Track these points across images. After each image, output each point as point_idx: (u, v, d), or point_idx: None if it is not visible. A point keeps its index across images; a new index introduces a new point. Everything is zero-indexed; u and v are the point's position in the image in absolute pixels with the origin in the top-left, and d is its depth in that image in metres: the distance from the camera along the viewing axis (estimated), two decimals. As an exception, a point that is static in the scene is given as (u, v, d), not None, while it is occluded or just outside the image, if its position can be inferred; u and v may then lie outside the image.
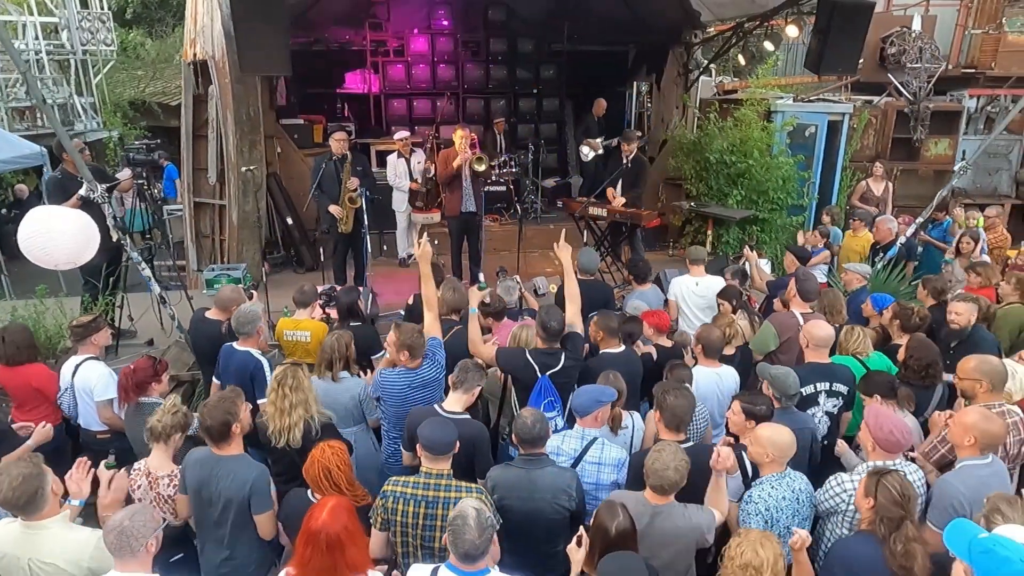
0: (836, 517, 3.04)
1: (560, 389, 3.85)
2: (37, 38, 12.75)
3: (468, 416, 3.58)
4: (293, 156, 8.98)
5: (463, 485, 3.04)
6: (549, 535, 3.11)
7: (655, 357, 4.67)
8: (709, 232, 8.79)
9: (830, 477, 3.09)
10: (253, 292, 5.07)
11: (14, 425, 3.96)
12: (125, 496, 3.11)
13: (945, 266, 7.84)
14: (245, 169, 7.04)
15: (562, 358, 3.92)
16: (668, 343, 4.95)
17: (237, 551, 3.17)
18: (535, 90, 11.51)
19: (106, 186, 4.93)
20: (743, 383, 4.45)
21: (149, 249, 5.97)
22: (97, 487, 3.09)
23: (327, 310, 5.46)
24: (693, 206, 8.89)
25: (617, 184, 7.75)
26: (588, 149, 9.11)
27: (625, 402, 3.87)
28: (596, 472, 3.40)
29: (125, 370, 4.03)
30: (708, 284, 5.65)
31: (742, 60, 9.99)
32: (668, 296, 5.88)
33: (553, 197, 10.71)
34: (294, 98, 10.44)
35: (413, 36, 10.90)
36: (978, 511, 2.76)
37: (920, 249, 8.64)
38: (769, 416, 3.41)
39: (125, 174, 10.92)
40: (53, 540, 2.72)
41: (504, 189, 9.98)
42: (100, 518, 2.98)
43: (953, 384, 3.90)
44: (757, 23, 8.47)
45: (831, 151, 10.02)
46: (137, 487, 3.18)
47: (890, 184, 9.08)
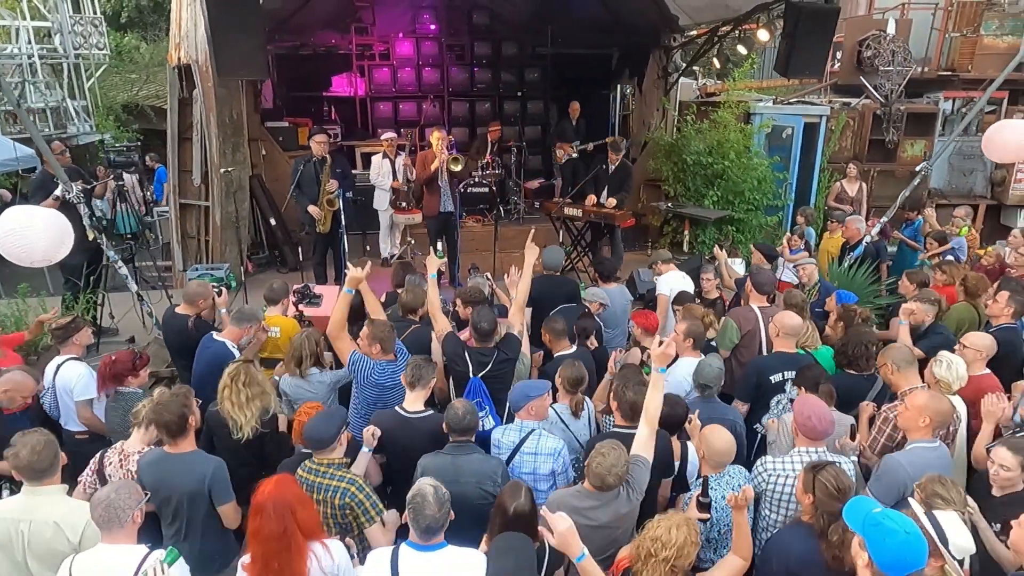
0: (763, 499, 3.19)
1: (493, 389, 4.01)
2: (30, 42, 12.90)
3: (431, 412, 3.72)
4: (278, 158, 9.14)
5: (347, 475, 3.17)
6: (474, 518, 3.15)
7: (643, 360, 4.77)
8: (686, 232, 8.96)
9: (757, 461, 3.24)
10: (222, 290, 5.20)
11: None
12: None
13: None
14: (223, 171, 7.18)
15: (494, 359, 4.08)
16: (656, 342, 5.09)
17: (200, 543, 3.23)
18: (519, 93, 11.68)
19: (81, 187, 5.07)
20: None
21: (130, 248, 6.11)
22: None
23: (300, 307, 5.60)
24: (670, 207, 9.05)
25: (603, 189, 7.94)
26: (561, 152, 9.31)
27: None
28: (533, 462, 3.51)
29: (105, 359, 4.18)
30: (672, 280, 5.84)
31: (716, 63, 10.15)
32: (659, 292, 5.98)
33: (537, 198, 10.87)
34: (280, 101, 10.63)
35: (398, 40, 11.09)
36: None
37: (894, 248, 8.83)
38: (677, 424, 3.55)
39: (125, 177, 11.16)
40: (53, 504, 2.91)
41: (487, 190, 10.14)
42: None
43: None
44: (731, 27, 8.63)
45: (809, 152, 10.20)
46: (109, 463, 3.34)
47: (864, 185, 9.23)
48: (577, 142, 9.29)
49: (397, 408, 3.72)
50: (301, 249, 7.60)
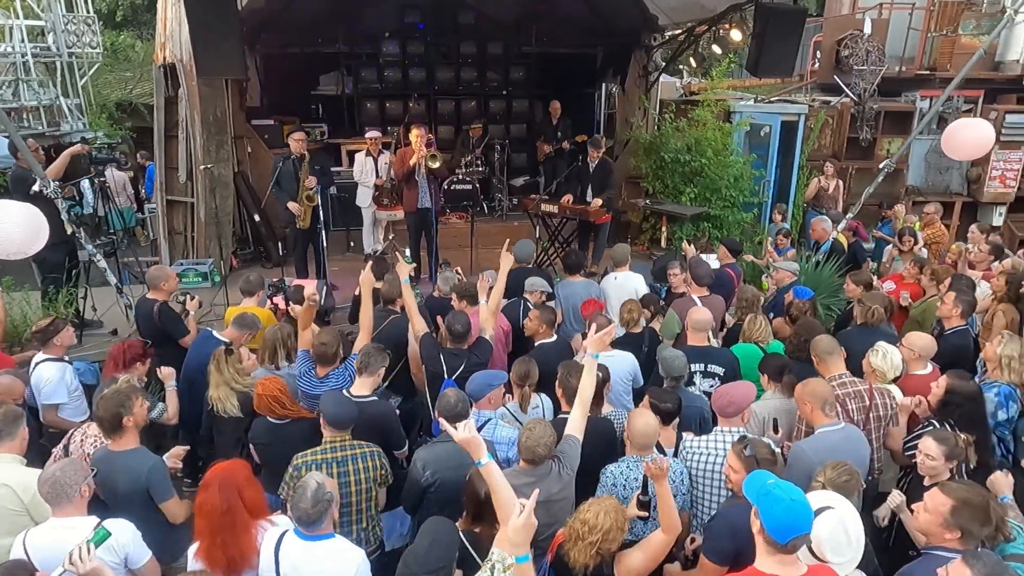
0: (694, 478, 3.36)
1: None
2: (23, 41, 13.07)
3: (375, 398, 3.91)
4: (263, 156, 9.30)
5: (362, 443, 3.41)
6: (455, 499, 3.28)
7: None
8: (664, 228, 9.12)
9: (681, 442, 3.42)
10: (193, 296, 5.32)
11: None
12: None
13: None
14: (203, 167, 7.35)
15: (466, 361, 4.27)
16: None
17: (148, 538, 3.17)
18: (505, 91, 11.83)
19: (57, 183, 5.23)
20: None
21: (112, 243, 6.28)
22: None
23: (274, 300, 5.78)
24: (648, 203, 9.21)
25: (585, 187, 8.10)
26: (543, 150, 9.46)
27: (537, 384, 4.21)
28: (506, 448, 3.67)
29: (119, 345, 4.36)
30: (625, 279, 6.06)
31: (693, 63, 10.30)
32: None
33: (522, 195, 11.02)
34: (267, 99, 10.79)
35: (385, 39, 11.22)
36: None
37: (872, 245, 9.01)
38: (673, 412, 3.65)
39: (111, 174, 11.34)
40: (9, 470, 3.10)
41: (471, 187, 10.29)
42: None
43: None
44: (706, 28, 8.79)
45: (789, 150, 10.36)
46: (71, 441, 3.53)
47: (840, 182, 9.39)
48: (554, 141, 9.45)
49: (344, 391, 3.90)
50: (282, 245, 7.76)
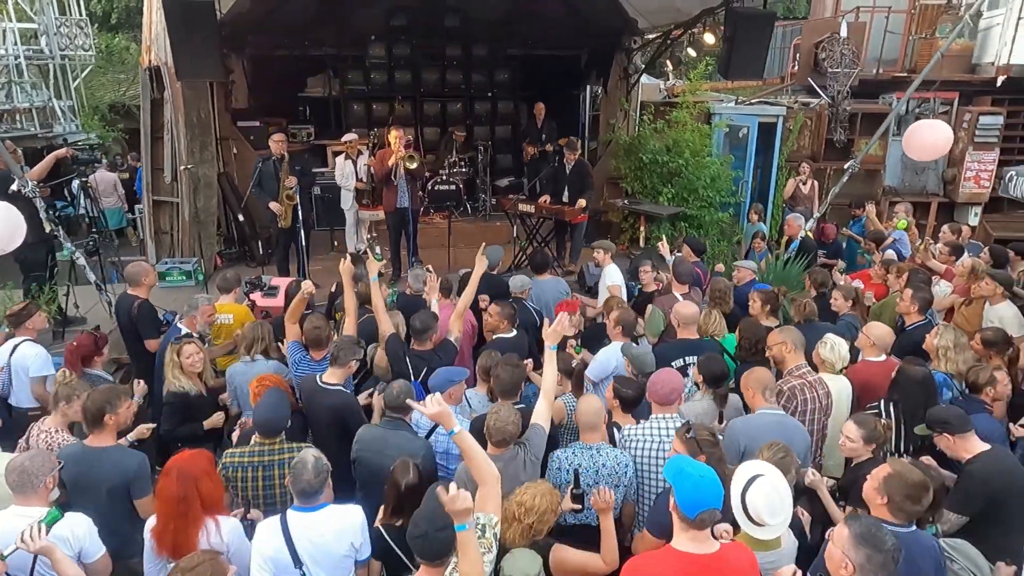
0: (637, 465, 3.52)
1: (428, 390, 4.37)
2: (16, 43, 13.23)
3: (341, 387, 4.09)
4: (248, 157, 9.41)
5: (294, 445, 3.53)
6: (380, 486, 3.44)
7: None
8: (642, 228, 9.26)
9: (620, 432, 3.58)
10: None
11: None
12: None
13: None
14: (183, 168, 7.51)
15: (429, 364, 4.40)
16: (575, 329, 5.43)
17: (120, 534, 3.26)
18: (490, 93, 11.98)
19: (35, 183, 5.39)
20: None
21: (93, 242, 6.43)
22: None
23: (251, 296, 5.94)
24: (626, 203, 9.37)
25: (563, 188, 8.27)
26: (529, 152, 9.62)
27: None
28: (446, 441, 3.82)
29: (69, 346, 4.55)
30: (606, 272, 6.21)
31: (669, 65, 10.46)
32: (611, 283, 6.26)
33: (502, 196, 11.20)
34: (256, 101, 10.93)
35: (371, 42, 11.37)
36: (755, 448, 3.23)
37: (844, 244, 9.17)
38: (633, 399, 3.83)
39: (102, 175, 11.51)
40: None
41: (454, 188, 10.46)
42: None
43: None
44: (681, 31, 8.96)
45: (768, 151, 10.53)
46: (34, 436, 3.69)
47: (816, 183, 9.55)
48: (539, 143, 9.62)
49: (317, 377, 4.12)
50: (262, 244, 7.92)
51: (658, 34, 9.73)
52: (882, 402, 3.90)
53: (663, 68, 13.57)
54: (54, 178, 6.52)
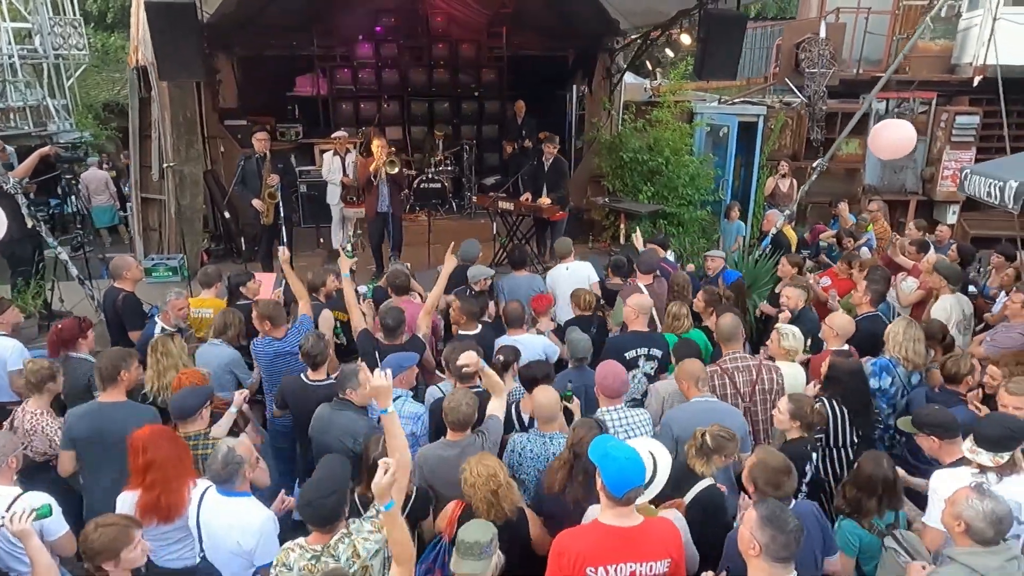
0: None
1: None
2: (10, 43, 13.41)
3: (330, 381, 4.23)
4: (236, 155, 9.57)
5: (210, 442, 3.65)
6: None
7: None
8: (622, 225, 9.42)
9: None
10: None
11: None
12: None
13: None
14: (165, 166, 7.67)
15: None
16: (552, 325, 5.59)
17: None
18: (476, 93, 12.14)
19: (17, 180, 5.54)
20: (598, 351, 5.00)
21: (77, 237, 6.59)
22: None
23: (242, 290, 6.09)
24: (607, 201, 9.53)
25: (542, 184, 8.43)
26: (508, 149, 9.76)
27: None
28: (409, 424, 4.00)
29: (54, 328, 4.67)
30: (577, 268, 6.34)
31: (649, 65, 10.61)
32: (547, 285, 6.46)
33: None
34: (245, 100, 11.08)
35: (359, 42, 11.53)
36: (688, 435, 3.39)
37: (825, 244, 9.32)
38: (541, 379, 3.96)
39: (93, 173, 11.67)
40: None
41: (439, 186, 10.63)
42: None
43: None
44: (660, 33, 9.11)
45: (750, 150, 10.67)
46: (15, 418, 3.85)
47: (794, 181, 9.70)
48: (518, 139, 9.77)
49: (301, 375, 4.27)
50: (247, 240, 8.07)
51: (639, 35, 9.87)
52: (824, 398, 4.03)
53: (653, 68, 13.71)
54: (38, 176, 6.66)
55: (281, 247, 5.15)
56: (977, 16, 10.78)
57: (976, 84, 9.96)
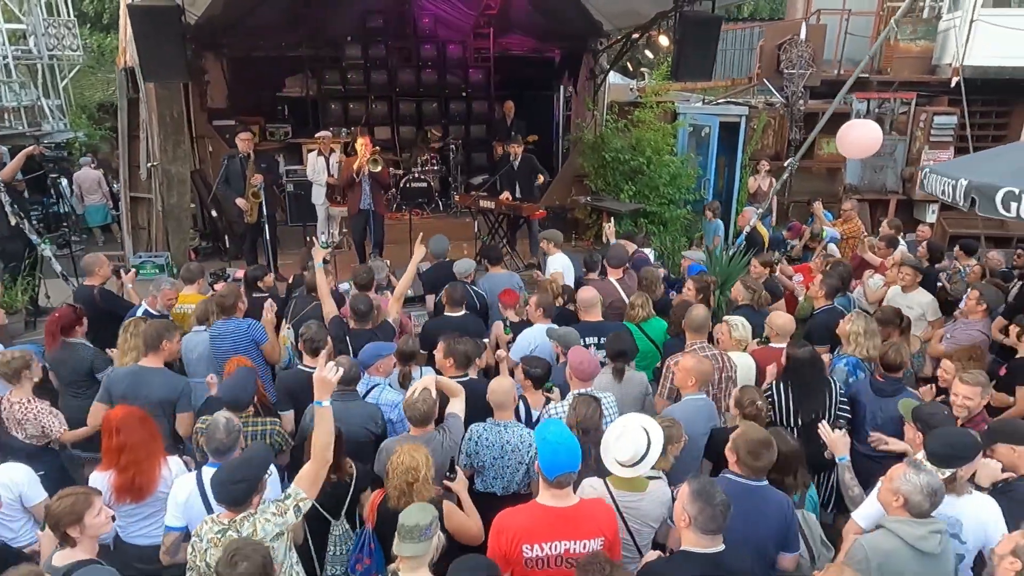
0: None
1: None
2: (4, 44, 13.52)
3: None
4: (224, 154, 9.75)
5: (259, 420, 3.86)
6: (359, 452, 3.76)
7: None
8: (604, 224, 9.56)
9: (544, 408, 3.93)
10: (126, 269, 5.82)
11: None
12: None
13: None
14: (150, 165, 7.82)
15: (368, 342, 4.68)
16: (518, 318, 5.74)
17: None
18: (464, 93, 12.29)
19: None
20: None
21: (63, 235, 6.73)
22: None
23: (215, 287, 6.25)
24: (589, 200, 9.67)
25: (514, 183, 8.60)
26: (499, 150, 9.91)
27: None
28: (388, 411, 4.16)
29: (51, 316, 4.87)
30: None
31: (630, 67, 10.75)
32: (551, 271, 6.59)
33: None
34: (235, 101, 11.24)
35: (347, 43, 11.67)
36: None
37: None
38: (541, 377, 4.14)
39: (86, 172, 11.81)
40: None
41: (426, 185, 10.78)
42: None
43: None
44: (639, 34, 9.27)
45: (732, 150, 10.82)
46: (6, 406, 4.01)
47: (774, 180, 9.85)
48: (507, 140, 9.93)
49: (300, 366, 4.47)
50: (233, 239, 8.22)
51: (621, 36, 10.02)
52: (777, 383, 4.20)
53: (639, 69, 13.86)
54: (25, 174, 6.81)
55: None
56: (957, 17, 10.93)
57: (954, 85, 10.08)
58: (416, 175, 10.69)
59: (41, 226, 9.31)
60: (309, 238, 8.46)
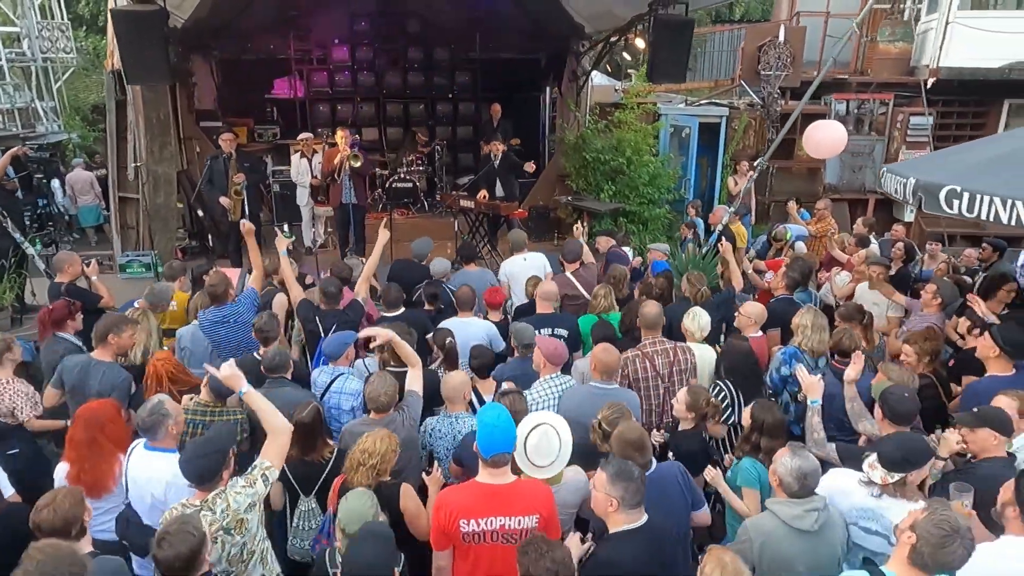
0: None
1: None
2: (-2, 47, 13.77)
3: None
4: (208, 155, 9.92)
5: (228, 409, 4.02)
6: None
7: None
8: (585, 224, 9.72)
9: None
10: (92, 261, 5.96)
11: None
12: None
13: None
14: (135, 165, 7.99)
15: (338, 320, 4.91)
16: (500, 317, 5.89)
17: None
18: (451, 95, 12.46)
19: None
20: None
21: (50, 234, 6.90)
22: None
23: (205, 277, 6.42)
24: (569, 200, 9.84)
25: (495, 182, 8.77)
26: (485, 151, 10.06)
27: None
28: (338, 398, 4.32)
29: (44, 310, 5.01)
30: (533, 259, 6.65)
31: (609, 68, 10.91)
32: (500, 277, 6.78)
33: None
34: (225, 102, 11.41)
35: (335, 45, 11.86)
36: (585, 417, 3.69)
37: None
38: (485, 366, 4.33)
39: (78, 173, 11.99)
40: None
41: (411, 186, 10.94)
42: None
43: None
44: (617, 37, 9.44)
45: (714, 150, 10.98)
46: None
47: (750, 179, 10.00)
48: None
49: (255, 354, 4.58)
50: (214, 237, 8.38)
51: (601, 39, 10.19)
52: (721, 382, 4.35)
53: (626, 70, 14.02)
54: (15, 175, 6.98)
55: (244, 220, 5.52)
56: (934, 20, 11.09)
57: (930, 86, 10.25)
58: (402, 175, 10.86)
59: (35, 227, 9.55)
60: (275, 227, 8.61)
